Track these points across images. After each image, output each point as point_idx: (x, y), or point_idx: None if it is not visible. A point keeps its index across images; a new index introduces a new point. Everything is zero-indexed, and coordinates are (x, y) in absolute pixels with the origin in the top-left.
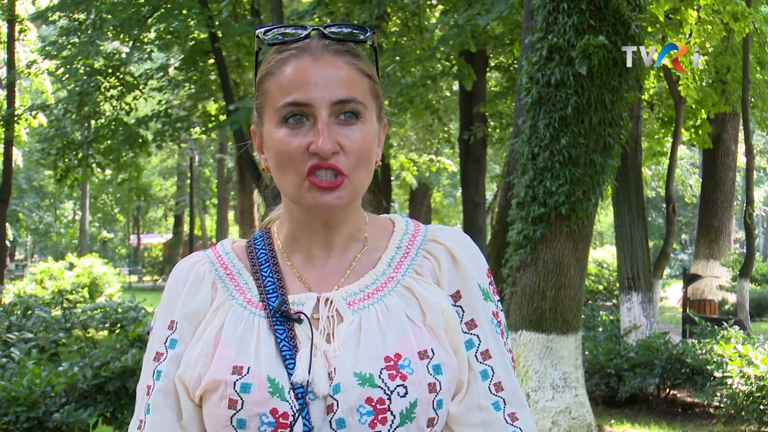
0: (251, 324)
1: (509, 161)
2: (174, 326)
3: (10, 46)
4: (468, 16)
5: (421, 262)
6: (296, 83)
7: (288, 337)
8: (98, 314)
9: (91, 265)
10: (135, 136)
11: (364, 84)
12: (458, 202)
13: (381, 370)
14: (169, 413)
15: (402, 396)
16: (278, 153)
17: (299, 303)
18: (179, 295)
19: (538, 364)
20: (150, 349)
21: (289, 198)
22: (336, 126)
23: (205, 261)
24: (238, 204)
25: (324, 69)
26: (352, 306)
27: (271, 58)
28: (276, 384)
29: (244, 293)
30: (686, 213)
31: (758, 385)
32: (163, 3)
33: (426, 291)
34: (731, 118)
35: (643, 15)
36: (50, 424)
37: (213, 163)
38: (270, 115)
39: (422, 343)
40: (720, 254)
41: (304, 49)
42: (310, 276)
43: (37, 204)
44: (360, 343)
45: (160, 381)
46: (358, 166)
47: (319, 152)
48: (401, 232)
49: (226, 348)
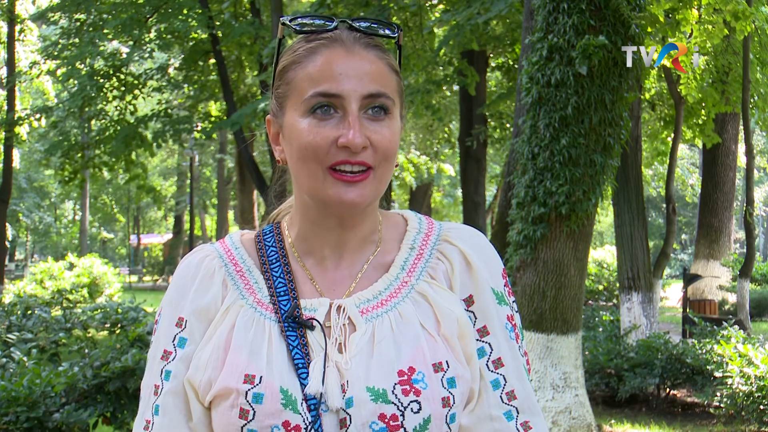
0: (262, 328)
1: (509, 161)
2: (183, 324)
3: (10, 46)
4: (467, 15)
5: (434, 264)
6: (327, 74)
7: (300, 345)
8: (98, 314)
9: (91, 265)
10: (135, 136)
11: (393, 80)
12: (458, 202)
13: (394, 385)
14: (179, 415)
15: (415, 412)
16: (303, 144)
17: (311, 309)
18: (188, 291)
19: (538, 364)
20: (156, 345)
21: (308, 192)
22: (365, 120)
23: (215, 256)
24: (238, 204)
25: (356, 61)
26: (365, 314)
27: (298, 46)
28: (289, 395)
29: (254, 293)
30: (686, 213)
31: (758, 385)
32: (163, 3)
33: (440, 297)
34: (731, 118)
35: (643, 15)
36: (50, 424)
37: (213, 163)
38: (295, 104)
39: (436, 354)
40: (720, 254)
41: (335, 39)
42: (321, 279)
43: (37, 204)
44: (373, 354)
45: (170, 382)
46: (385, 162)
47: (350, 146)
48: (414, 231)
49: (237, 353)
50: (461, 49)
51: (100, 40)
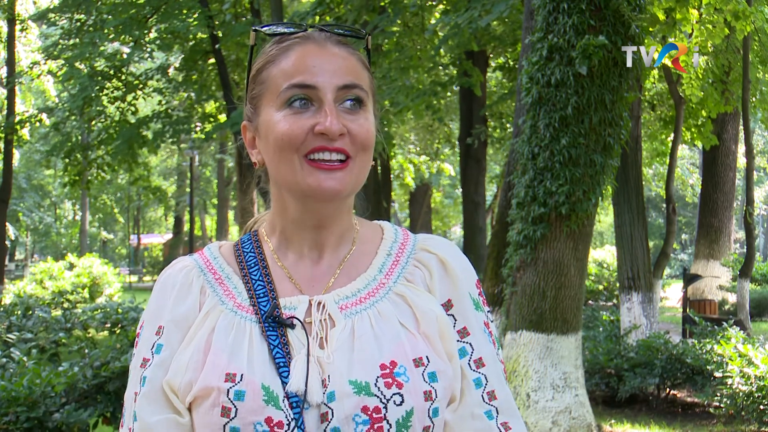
0: (243, 329)
1: (509, 161)
2: (161, 331)
3: (10, 46)
4: (468, 17)
5: (411, 271)
6: (301, 67)
7: (281, 344)
8: (98, 314)
9: (91, 265)
10: (135, 136)
11: (365, 75)
12: (458, 202)
13: (377, 378)
14: (156, 408)
15: (398, 404)
16: (279, 134)
17: (291, 307)
18: (167, 301)
19: (538, 364)
20: (137, 356)
21: (286, 185)
22: (341, 112)
23: (193, 266)
24: (238, 204)
25: (328, 56)
26: (344, 310)
27: (270, 48)
28: (271, 392)
29: (234, 298)
30: (686, 213)
31: (758, 385)
32: (163, 3)
33: (419, 298)
34: (731, 118)
35: (643, 15)
36: (50, 424)
37: (213, 163)
38: (270, 101)
39: (417, 350)
40: (720, 254)
41: (308, 37)
42: (300, 276)
43: (37, 204)
44: (354, 349)
45: (145, 386)
46: (362, 153)
47: (328, 132)
48: (390, 239)
49: (217, 354)
50: (462, 50)
51: (101, 40)
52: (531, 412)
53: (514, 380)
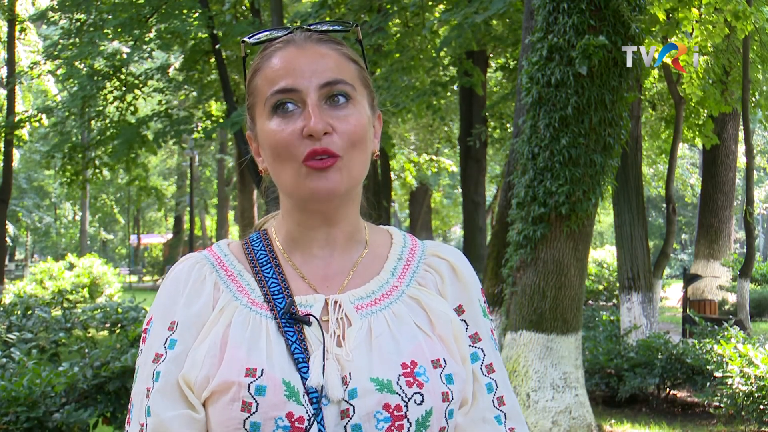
0: (259, 325)
1: (509, 161)
2: (174, 327)
3: (10, 46)
4: (465, 14)
5: (423, 275)
6: (282, 72)
7: (298, 340)
8: (98, 314)
9: (91, 265)
10: (136, 136)
11: (350, 68)
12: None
13: (399, 376)
14: (172, 403)
15: (419, 404)
16: (273, 143)
17: (307, 305)
18: (180, 297)
19: (538, 364)
20: (147, 351)
21: (288, 192)
22: (327, 109)
23: (205, 263)
24: (239, 204)
25: (308, 56)
26: (360, 310)
27: (256, 58)
28: (291, 387)
29: (247, 294)
30: (686, 213)
31: (758, 385)
32: (163, 3)
33: (432, 302)
34: (731, 118)
35: (643, 15)
36: (50, 424)
37: (213, 163)
38: (261, 109)
39: (434, 351)
40: (720, 254)
41: (289, 41)
42: (313, 276)
43: (37, 204)
44: (372, 348)
45: (159, 382)
46: (352, 147)
47: (312, 132)
48: (400, 244)
49: (236, 349)
50: (463, 50)
51: (100, 40)
52: (531, 412)
53: (514, 380)
